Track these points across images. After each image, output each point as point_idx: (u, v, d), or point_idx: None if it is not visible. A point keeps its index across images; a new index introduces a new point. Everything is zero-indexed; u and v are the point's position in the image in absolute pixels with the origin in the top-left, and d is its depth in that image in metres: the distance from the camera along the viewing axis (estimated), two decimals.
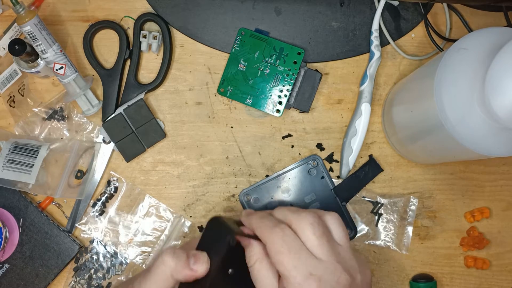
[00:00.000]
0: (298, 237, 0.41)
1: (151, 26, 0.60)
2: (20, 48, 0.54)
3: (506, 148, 0.43)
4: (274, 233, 0.41)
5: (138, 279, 0.42)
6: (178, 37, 0.60)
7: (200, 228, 0.59)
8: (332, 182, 0.59)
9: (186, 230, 0.59)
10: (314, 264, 0.40)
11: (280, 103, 0.58)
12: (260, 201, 0.58)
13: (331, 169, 0.60)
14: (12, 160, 0.56)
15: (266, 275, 0.41)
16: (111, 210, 0.59)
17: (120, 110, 0.58)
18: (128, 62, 0.60)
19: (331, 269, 0.40)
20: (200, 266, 0.40)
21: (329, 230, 0.43)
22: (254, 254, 0.42)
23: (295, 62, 0.58)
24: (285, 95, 0.58)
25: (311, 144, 0.60)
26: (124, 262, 0.59)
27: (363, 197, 0.59)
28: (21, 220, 0.58)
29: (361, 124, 0.58)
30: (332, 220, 0.44)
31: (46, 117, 0.59)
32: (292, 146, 0.60)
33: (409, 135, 0.53)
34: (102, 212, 0.59)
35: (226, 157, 0.60)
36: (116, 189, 0.59)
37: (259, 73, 0.58)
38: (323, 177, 0.59)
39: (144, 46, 0.59)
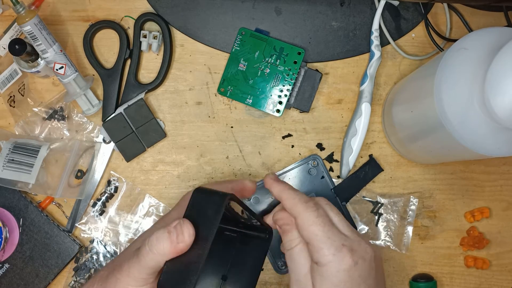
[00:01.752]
0: (328, 214, 0.44)
1: (151, 26, 0.60)
2: (20, 48, 0.54)
3: (506, 148, 0.43)
4: (309, 207, 0.43)
5: (127, 263, 0.42)
6: (178, 37, 0.60)
7: None
8: (332, 182, 0.59)
9: None
10: (344, 237, 0.42)
11: (280, 103, 0.58)
12: (260, 201, 0.58)
13: (331, 169, 0.60)
14: (12, 159, 0.56)
15: (303, 258, 0.43)
16: (111, 210, 0.59)
17: (120, 110, 0.58)
18: (128, 62, 0.60)
19: (357, 241, 0.43)
20: (182, 242, 0.39)
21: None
22: (295, 238, 0.44)
23: (295, 62, 0.58)
24: (285, 95, 0.58)
25: (311, 144, 0.60)
26: None
27: (363, 197, 0.59)
28: (21, 220, 0.58)
29: (361, 124, 0.58)
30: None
31: (46, 116, 0.59)
32: (292, 146, 0.60)
33: (409, 135, 0.53)
34: (102, 212, 0.59)
35: (226, 157, 0.60)
36: (116, 189, 0.59)
37: (259, 73, 0.58)
38: (323, 177, 0.59)
39: (144, 46, 0.59)
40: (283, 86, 0.58)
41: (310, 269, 0.43)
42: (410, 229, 0.59)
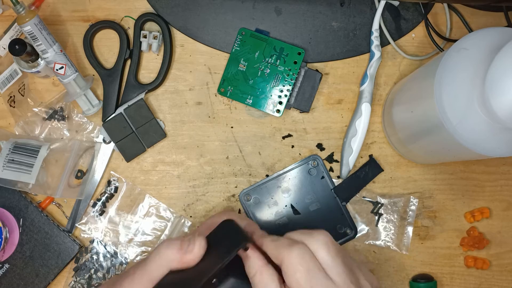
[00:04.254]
0: (315, 258, 0.40)
1: (151, 26, 0.60)
2: (21, 48, 0.54)
3: (506, 148, 0.43)
4: (292, 251, 0.40)
5: (133, 269, 0.42)
6: (178, 37, 0.60)
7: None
8: (332, 182, 0.59)
9: (186, 230, 0.59)
10: (330, 284, 0.39)
11: (280, 103, 0.58)
12: (260, 201, 0.58)
13: (331, 169, 0.60)
14: (12, 160, 0.56)
15: (268, 284, 0.40)
16: (111, 210, 0.59)
17: (120, 110, 0.58)
18: (128, 62, 0.60)
19: (347, 286, 0.39)
20: (191, 252, 0.39)
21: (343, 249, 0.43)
22: (254, 265, 0.41)
23: (295, 62, 0.58)
24: (285, 95, 0.58)
25: (311, 144, 0.60)
26: (124, 262, 0.59)
27: (363, 197, 0.59)
28: (21, 220, 0.58)
29: (361, 124, 0.58)
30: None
31: (46, 117, 0.59)
32: (292, 146, 0.60)
33: (409, 135, 0.53)
34: (102, 212, 0.59)
35: (226, 157, 0.60)
36: (116, 189, 0.59)
37: (259, 73, 0.58)
38: (323, 177, 0.59)
39: (144, 46, 0.59)
40: (283, 86, 0.58)
41: None
42: (410, 229, 0.59)
